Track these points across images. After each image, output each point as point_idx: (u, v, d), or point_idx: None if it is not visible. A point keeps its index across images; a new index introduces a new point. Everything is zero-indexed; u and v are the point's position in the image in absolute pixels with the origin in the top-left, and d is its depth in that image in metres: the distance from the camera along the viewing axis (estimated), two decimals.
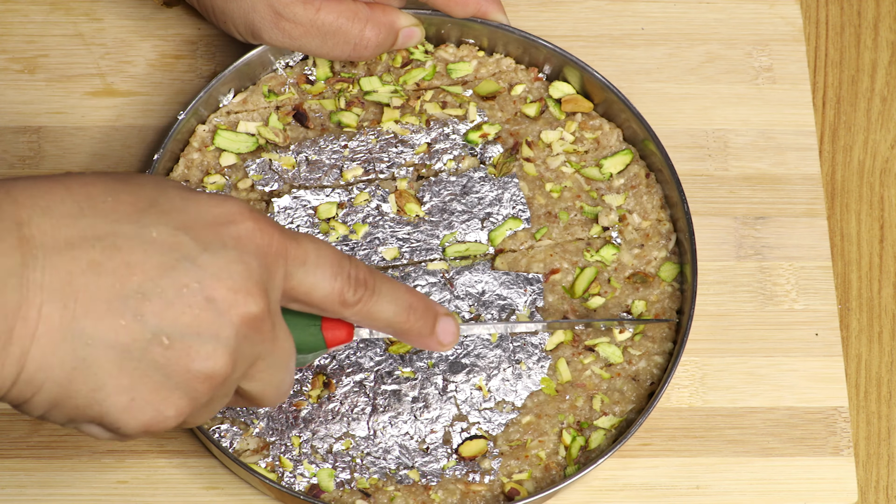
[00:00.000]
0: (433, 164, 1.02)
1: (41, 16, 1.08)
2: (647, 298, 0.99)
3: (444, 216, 1.00)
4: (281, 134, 1.02)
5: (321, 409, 0.95)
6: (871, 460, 1.01)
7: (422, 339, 0.84)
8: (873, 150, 1.10)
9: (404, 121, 1.03)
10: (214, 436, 0.94)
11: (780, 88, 1.10)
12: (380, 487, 0.93)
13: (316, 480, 0.93)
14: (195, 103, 1.00)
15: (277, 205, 1.00)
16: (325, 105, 1.03)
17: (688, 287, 0.98)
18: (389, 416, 0.95)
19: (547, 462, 0.95)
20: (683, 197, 0.99)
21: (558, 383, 0.97)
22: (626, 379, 0.97)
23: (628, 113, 1.02)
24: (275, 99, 1.03)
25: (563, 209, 1.01)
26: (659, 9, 1.12)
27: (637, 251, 1.01)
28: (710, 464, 0.99)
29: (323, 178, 1.01)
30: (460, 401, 0.95)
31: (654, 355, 0.98)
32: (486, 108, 1.04)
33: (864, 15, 1.14)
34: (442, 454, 0.94)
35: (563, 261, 1.00)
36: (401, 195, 1.01)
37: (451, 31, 1.05)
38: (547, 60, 1.04)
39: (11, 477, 0.95)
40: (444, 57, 1.05)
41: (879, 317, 1.05)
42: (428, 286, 0.98)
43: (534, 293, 0.99)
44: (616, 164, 1.03)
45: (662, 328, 0.98)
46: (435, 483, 0.93)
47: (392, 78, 1.04)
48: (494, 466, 0.94)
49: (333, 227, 0.99)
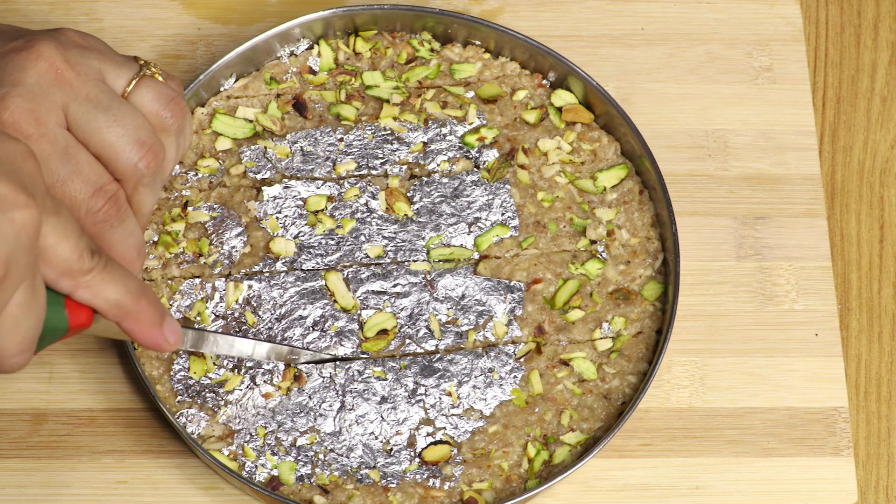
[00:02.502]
0: (427, 163, 1.02)
1: (41, 16, 1.08)
2: (628, 316, 0.99)
3: (433, 217, 1.00)
4: (278, 122, 1.02)
5: (290, 401, 0.95)
6: (871, 460, 1.01)
7: (151, 329, 0.83)
8: (873, 150, 1.09)
9: (403, 118, 1.03)
10: (181, 420, 0.94)
11: (780, 88, 1.09)
12: (339, 485, 0.93)
13: (276, 472, 0.94)
14: (195, 85, 1.01)
15: (267, 193, 1.00)
16: (326, 96, 1.03)
17: (668, 308, 0.97)
18: (356, 414, 0.95)
19: (509, 473, 0.95)
20: (673, 217, 0.98)
21: (529, 395, 0.96)
22: (598, 396, 0.97)
23: (627, 127, 1.01)
24: (276, 87, 1.03)
25: (553, 219, 1.01)
26: (659, 9, 1.11)
27: (623, 267, 1.00)
28: (710, 464, 0.99)
29: (316, 169, 1.01)
30: (428, 405, 0.95)
31: (628, 374, 0.97)
32: (487, 111, 1.03)
33: (864, 15, 1.13)
34: (405, 457, 0.94)
35: (546, 271, 0.99)
36: (391, 193, 1.01)
37: (458, 30, 1.04)
38: (552, 67, 1.04)
39: (11, 477, 0.96)
40: (449, 56, 1.05)
41: (879, 317, 1.04)
42: (409, 286, 0.98)
43: (513, 301, 0.98)
44: (611, 177, 1.02)
45: (640, 347, 0.97)
46: (395, 485, 0.94)
47: (395, 74, 1.04)
48: (456, 473, 0.94)
49: (321, 220, 1.00)
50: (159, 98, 0.89)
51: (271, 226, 0.99)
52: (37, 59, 0.86)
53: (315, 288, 0.98)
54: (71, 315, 0.81)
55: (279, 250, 0.99)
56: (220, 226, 0.99)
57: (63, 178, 0.85)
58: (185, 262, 0.98)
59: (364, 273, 0.99)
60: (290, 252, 0.99)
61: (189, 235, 0.99)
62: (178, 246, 0.98)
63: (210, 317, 0.97)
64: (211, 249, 0.99)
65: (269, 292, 0.98)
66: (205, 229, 0.99)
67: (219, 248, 0.99)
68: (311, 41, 1.05)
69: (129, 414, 0.98)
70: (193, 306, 0.97)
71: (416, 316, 0.98)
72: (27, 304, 0.76)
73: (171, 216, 0.99)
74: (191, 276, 0.98)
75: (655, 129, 1.06)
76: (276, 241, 0.99)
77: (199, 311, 0.97)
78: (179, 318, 0.97)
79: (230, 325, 0.97)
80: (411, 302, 0.98)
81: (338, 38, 1.05)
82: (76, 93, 0.86)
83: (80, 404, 0.98)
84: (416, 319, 0.98)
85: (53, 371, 0.98)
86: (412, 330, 0.97)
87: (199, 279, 0.98)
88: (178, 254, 0.98)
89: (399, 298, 0.98)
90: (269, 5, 1.09)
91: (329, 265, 0.99)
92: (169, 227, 0.99)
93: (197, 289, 0.97)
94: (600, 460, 0.98)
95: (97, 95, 0.87)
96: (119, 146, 0.87)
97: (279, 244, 0.99)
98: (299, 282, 0.98)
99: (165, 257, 0.98)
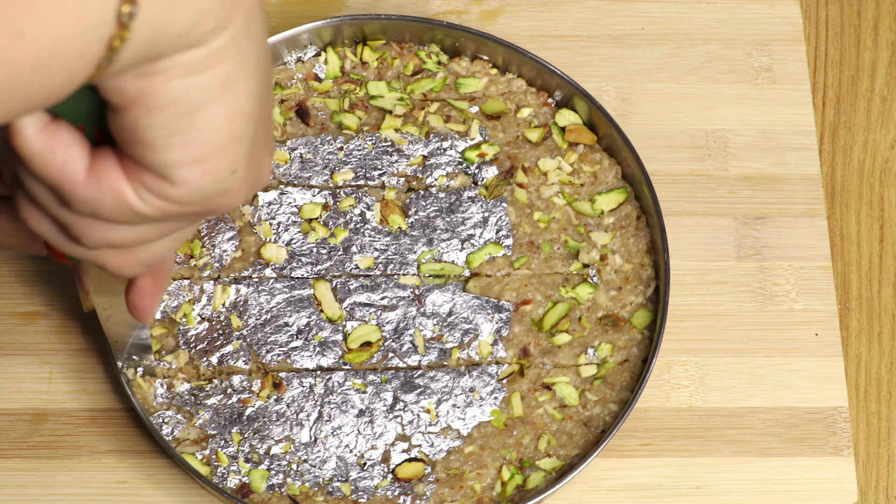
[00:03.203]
0: (425, 177, 1.01)
1: None
2: (615, 343, 0.97)
3: (426, 231, 0.99)
4: (280, 128, 1.02)
5: (267, 409, 0.95)
6: (871, 460, 1.00)
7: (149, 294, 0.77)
8: (873, 150, 1.08)
9: (404, 130, 1.02)
10: (157, 421, 0.94)
11: (780, 88, 1.08)
12: (309, 496, 0.93)
13: (248, 480, 0.93)
14: None
15: (263, 199, 1.00)
16: (329, 104, 1.03)
17: (655, 337, 0.96)
18: (333, 426, 0.95)
19: (480, 496, 0.94)
20: (666, 245, 0.97)
21: (508, 417, 0.95)
22: (578, 423, 0.95)
23: (628, 151, 1.00)
24: (280, 92, 1.03)
25: (547, 241, 1.00)
26: (659, 9, 1.10)
27: (614, 293, 0.98)
28: (710, 464, 0.98)
29: (313, 177, 1.01)
30: (406, 421, 0.95)
31: (609, 403, 0.96)
32: (490, 127, 1.03)
33: (864, 15, 1.12)
34: (378, 472, 0.94)
35: (537, 293, 0.98)
36: (387, 205, 1.00)
37: (466, 44, 1.04)
38: (558, 87, 1.03)
39: (11, 477, 0.97)
40: (456, 70, 1.04)
41: (879, 317, 1.03)
42: (396, 299, 0.98)
43: (500, 321, 0.97)
44: (609, 201, 1.01)
45: (625, 375, 0.96)
46: (364, 500, 0.93)
47: (400, 85, 1.04)
48: (427, 492, 0.93)
49: (314, 228, 0.99)
50: None
51: (264, 231, 0.99)
52: None
53: (303, 296, 0.98)
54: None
55: (270, 256, 0.98)
56: (213, 229, 0.99)
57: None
58: (175, 263, 0.98)
59: (353, 284, 0.98)
60: (280, 258, 0.98)
61: None
62: None
63: (196, 318, 0.97)
64: (202, 252, 0.99)
65: (256, 298, 0.97)
66: (198, 231, 0.99)
67: (210, 251, 0.99)
68: (319, 48, 1.04)
69: (129, 414, 0.98)
70: (180, 307, 0.97)
71: (402, 330, 0.97)
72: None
73: None
74: (180, 277, 0.98)
75: (655, 129, 1.06)
76: (267, 246, 0.99)
77: (186, 312, 0.97)
78: (165, 318, 0.97)
79: (214, 327, 0.97)
80: (398, 316, 0.97)
81: (345, 46, 1.05)
82: None
83: (80, 404, 0.98)
84: (401, 333, 0.97)
85: (53, 371, 0.99)
86: (396, 344, 0.97)
87: (188, 281, 0.98)
88: None
89: (385, 311, 0.97)
90: (269, 5, 1.09)
91: (318, 274, 0.98)
92: None
93: (185, 290, 0.98)
94: (600, 460, 0.97)
95: None
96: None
97: (271, 250, 0.99)
98: (287, 289, 0.98)
99: None
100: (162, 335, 0.96)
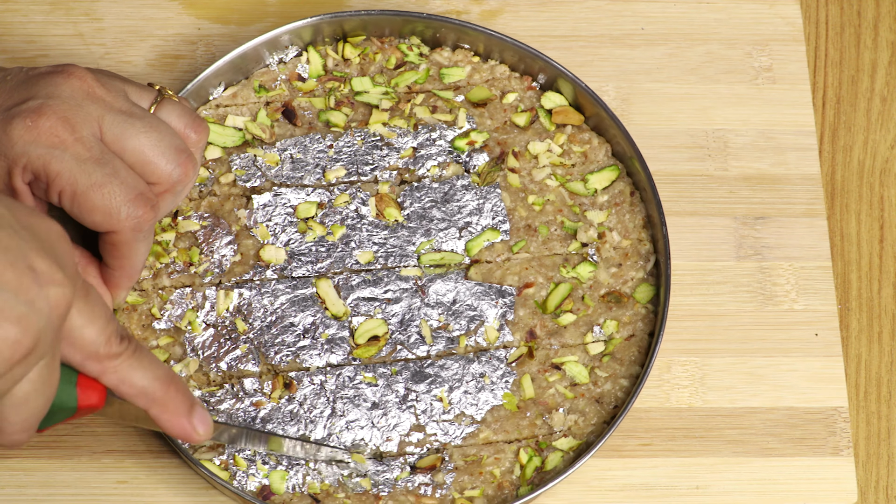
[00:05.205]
0: (417, 169, 1.01)
1: (41, 16, 1.09)
2: (620, 319, 0.98)
3: (423, 223, 1.00)
4: (268, 130, 1.02)
5: (280, 410, 0.95)
6: (871, 460, 1.01)
7: (178, 418, 0.82)
8: (873, 150, 1.09)
9: (392, 123, 1.02)
10: None
11: (780, 88, 1.09)
12: (330, 493, 0.93)
13: (268, 481, 0.93)
14: (184, 93, 1.01)
15: (257, 201, 1.00)
16: (315, 103, 1.03)
17: (660, 310, 0.96)
18: (347, 420, 0.95)
19: (501, 480, 0.94)
20: (663, 219, 0.98)
21: (521, 399, 0.96)
22: (590, 400, 0.96)
23: (617, 129, 1.00)
24: (265, 94, 1.03)
25: (544, 223, 1.00)
26: (659, 9, 1.11)
27: (614, 270, 0.99)
28: (710, 464, 0.98)
29: (305, 176, 1.01)
30: (419, 411, 0.95)
31: (620, 378, 0.96)
32: (476, 115, 1.03)
33: (864, 15, 1.13)
34: (396, 464, 0.94)
35: (538, 275, 0.99)
36: (381, 199, 1.00)
37: (447, 34, 1.04)
38: (541, 70, 1.03)
39: (11, 477, 0.96)
40: (438, 60, 1.05)
41: (879, 317, 1.04)
42: (400, 292, 0.98)
43: (505, 306, 0.98)
44: (602, 179, 1.01)
45: (633, 350, 0.97)
46: (386, 493, 0.93)
47: (384, 79, 1.04)
48: (447, 481, 0.94)
49: (311, 227, 0.99)
50: (183, 116, 0.91)
51: (261, 234, 0.99)
52: (69, 77, 0.87)
53: (306, 295, 0.98)
54: (82, 394, 0.80)
55: (269, 258, 0.98)
56: (210, 235, 0.99)
57: (100, 182, 0.85)
58: (175, 272, 0.98)
59: (355, 280, 0.98)
60: (280, 260, 0.98)
61: (179, 245, 0.99)
62: (169, 256, 0.98)
63: (201, 325, 0.97)
64: (201, 259, 0.98)
65: (259, 300, 0.97)
66: (195, 238, 0.99)
67: (209, 257, 0.99)
68: (300, 48, 1.04)
69: None
70: (184, 316, 0.97)
71: (408, 322, 0.97)
72: (41, 382, 0.76)
73: (162, 226, 0.99)
74: (181, 285, 0.98)
75: (655, 129, 1.06)
76: (266, 248, 0.99)
77: (190, 320, 0.97)
78: (170, 327, 0.97)
79: (221, 333, 0.97)
80: (402, 308, 0.98)
81: (326, 44, 1.05)
82: (109, 106, 0.87)
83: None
84: (407, 325, 0.97)
85: None
86: (403, 336, 0.97)
87: (190, 288, 0.98)
88: (169, 263, 0.98)
89: (390, 304, 0.98)
90: (268, 5, 1.09)
91: (320, 272, 0.98)
92: (159, 237, 0.99)
93: (187, 298, 0.97)
94: (600, 460, 0.97)
95: (129, 108, 0.88)
96: (157, 151, 0.87)
97: (269, 252, 0.99)
98: (290, 289, 0.98)
99: (156, 267, 0.98)
100: (168, 344, 0.96)
